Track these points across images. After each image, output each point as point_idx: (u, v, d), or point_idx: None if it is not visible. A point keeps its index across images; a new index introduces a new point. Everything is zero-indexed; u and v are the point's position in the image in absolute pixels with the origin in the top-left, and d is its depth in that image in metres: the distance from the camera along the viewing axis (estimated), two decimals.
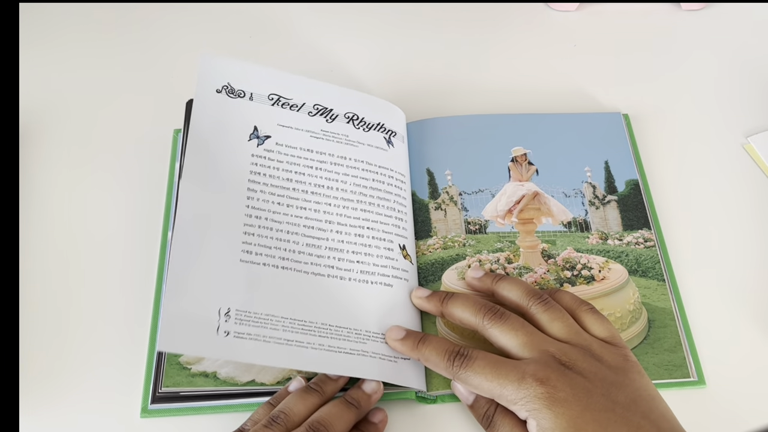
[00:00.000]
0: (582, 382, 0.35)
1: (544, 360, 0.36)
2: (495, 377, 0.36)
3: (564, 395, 0.35)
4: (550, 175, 0.50)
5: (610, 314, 0.44)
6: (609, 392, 0.35)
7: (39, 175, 0.51)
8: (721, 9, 0.62)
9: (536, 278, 0.46)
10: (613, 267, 0.46)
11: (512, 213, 0.49)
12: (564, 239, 0.48)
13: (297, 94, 0.49)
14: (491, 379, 0.36)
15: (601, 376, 0.36)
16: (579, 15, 0.62)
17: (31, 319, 0.44)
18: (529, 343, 0.37)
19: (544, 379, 0.35)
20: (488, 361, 0.37)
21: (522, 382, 0.35)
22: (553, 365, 0.36)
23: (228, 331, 0.39)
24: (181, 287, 0.39)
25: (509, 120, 0.53)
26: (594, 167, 0.51)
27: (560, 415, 0.34)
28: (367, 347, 0.41)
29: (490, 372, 0.36)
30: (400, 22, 0.61)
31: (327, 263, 0.43)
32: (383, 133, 0.49)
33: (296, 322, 0.40)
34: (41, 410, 0.41)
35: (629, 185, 0.50)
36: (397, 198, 0.47)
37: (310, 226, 0.44)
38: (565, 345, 0.37)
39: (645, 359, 0.42)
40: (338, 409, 0.38)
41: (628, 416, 0.34)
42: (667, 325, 0.44)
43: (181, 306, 0.38)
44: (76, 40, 0.59)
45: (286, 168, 0.45)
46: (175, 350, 0.38)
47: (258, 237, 0.42)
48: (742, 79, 0.57)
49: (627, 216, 0.49)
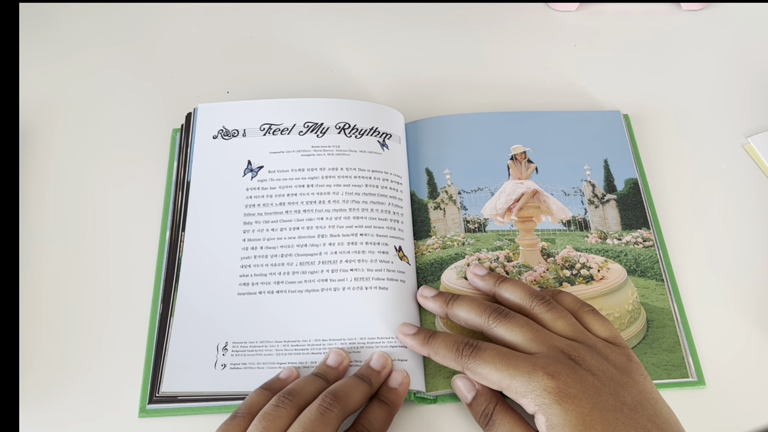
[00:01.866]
0: (591, 379, 0.35)
1: (554, 355, 0.36)
2: (505, 368, 0.36)
3: (574, 391, 0.35)
4: (549, 174, 0.50)
5: (608, 314, 0.44)
6: (617, 392, 0.35)
7: (39, 175, 0.51)
8: (721, 9, 0.62)
9: (536, 277, 0.46)
10: (612, 267, 0.46)
11: (512, 211, 0.49)
12: (563, 238, 0.48)
13: (287, 117, 0.50)
14: (501, 369, 0.36)
15: (609, 374, 0.36)
16: (579, 15, 0.62)
17: (30, 319, 0.45)
18: (537, 338, 0.38)
19: (555, 374, 0.35)
20: (498, 352, 0.37)
21: (533, 374, 0.35)
22: (564, 360, 0.36)
23: (225, 364, 0.41)
24: (185, 330, 0.42)
25: (508, 118, 0.53)
26: (593, 166, 0.51)
27: (570, 411, 0.34)
28: (361, 355, 0.41)
29: (500, 362, 0.36)
30: (400, 22, 0.61)
31: (321, 277, 0.44)
32: (377, 136, 0.50)
33: (290, 344, 0.42)
34: (41, 410, 0.41)
35: (628, 184, 0.50)
36: (393, 200, 0.47)
37: (303, 244, 0.45)
38: (573, 342, 0.38)
39: (644, 359, 0.42)
40: (351, 381, 0.38)
41: (635, 418, 0.34)
42: (665, 325, 0.44)
43: (184, 348, 0.42)
44: (76, 40, 0.59)
45: (278, 193, 0.47)
46: (177, 389, 0.40)
47: (254, 267, 0.44)
48: (742, 79, 0.57)
49: (626, 215, 0.49)
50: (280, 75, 0.57)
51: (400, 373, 0.40)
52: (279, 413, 0.36)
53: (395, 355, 0.41)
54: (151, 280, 0.46)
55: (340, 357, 0.41)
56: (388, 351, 0.41)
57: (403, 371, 0.41)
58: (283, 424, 0.35)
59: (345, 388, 0.37)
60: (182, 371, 0.41)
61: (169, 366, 0.41)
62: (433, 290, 0.43)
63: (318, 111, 0.50)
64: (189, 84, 0.56)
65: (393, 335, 0.42)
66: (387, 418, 0.38)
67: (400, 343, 0.42)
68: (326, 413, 0.36)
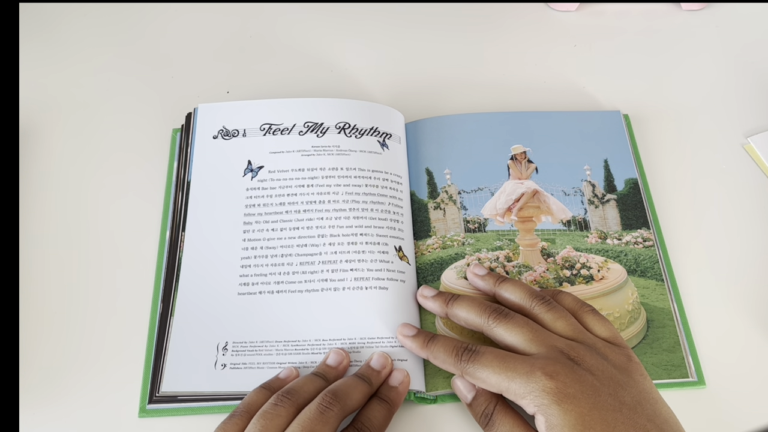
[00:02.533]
0: (590, 379, 0.35)
1: (553, 355, 0.36)
2: (503, 370, 0.36)
3: (573, 391, 0.35)
4: (549, 174, 0.50)
5: (608, 314, 0.44)
6: (616, 392, 0.35)
7: (39, 175, 0.51)
8: (721, 9, 0.62)
9: (536, 277, 0.46)
10: (612, 267, 0.46)
11: (512, 211, 0.49)
12: (563, 238, 0.48)
13: (287, 117, 0.50)
14: (499, 372, 0.36)
15: (608, 374, 0.36)
16: (579, 15, 0.62)
17: (30, 319, 0.45)
18: (536, 338, 0.37)
19: (554, 374, 0.35)
20: (496, 355, 0.37)
21: (531, 376, 0.35)
22: (562, 360, 0.36)
23: (225, 363, 0.41)
24: (185, 330, 0.42)
25: (508, 118, 0.53)
26: (593, 166, 0.51)
27: (569, 411, 0.34)
28: (361, 355, 0.41)
29: (498, 365, 0.36)
30: (400, 22, 0.61)
31: (321, 277, 0.44)
32: (377, 136, 0.50)
33: (290, 344, 0.42)
34: (41, 409, 0.41)
35: (628, 184, 0.50)
36: (393, 200, 0.47)
37: (303, 244, 0.45)
38: (572, 341, 0.38)
39: (644, 359, 0.42)
40: (351, 381, 0.38)
41: (634, 418, 0.34)
42: (665, 325, 0.44)
43: (184, 348, 0.42)
44: (76, 40, 0.59)
45: (278, 193, 0.47)
46: (177, 389, 0.40)
47: (254, 267, 0.44)
48: (741, 79, 0.57)
49: (626, 215, 0.49)
50: (281, 75, 0.57)
51: (401, 372, 0.40)
52: (278, 412, 0.36)
53: (395, 355, 0.41)
54: (152, 279, 0.46)
55: (340, 357, 0.41)
56: (388, 351, 0.42)
57: (404, 370, 0.41)
58: (282, 423, 0.35)
59: (345, 388, 0.37)
60: (182, 371, 0.41)
61: (169, 366, 0.41)
62: (433, 290, 0.43)
63: (318, 111, 0.50)
64: (189, 84, 0.57)
65: (393, 335, 0.42)
66: (387, 416, 0.38)
67: (399, 343, 0.42)
68: (326, 412, 0.36)
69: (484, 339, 0.42)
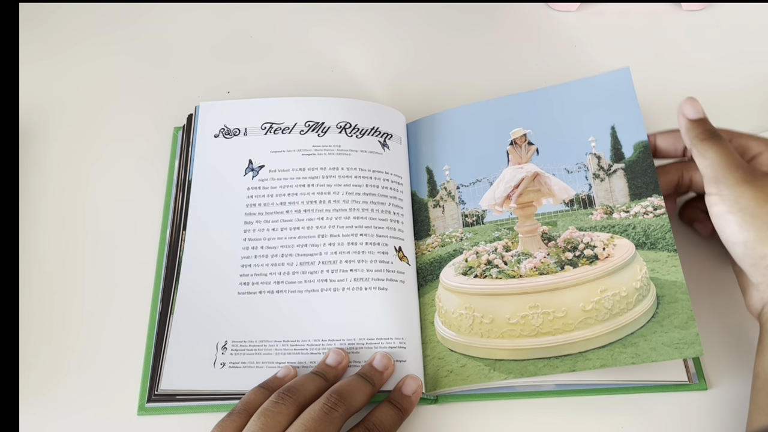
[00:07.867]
0: None
1: None
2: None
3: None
4: (551, 152, 0.48)
5: (614, 294, 0.41)
6: None
7: (39, 174, 0.51)
8: (721, 9, 0.62)
9: (535, 263, 0.44)
10: (619, 243, 0.43)
11: (511, 199, 0.47)
12: (565, 219, 0.46)
13: (288, 115, 0.50)
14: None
15: None
16: (579, 15, 0.62)
17: (30, 318, 0.45)
18: None
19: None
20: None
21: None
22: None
23: (224, 362, 0.41)
24: (185, 329, 0.42)
25: (505, 103, 0.51)
26: (599, 136, 0.48)
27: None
28: (360, 355, 0.41)
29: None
30: (400, 22, 0.61)
31: (320, 278, 0.44)
32: (378, 136, 0.50)
33: (289, 343, 0.42)
34: (41, 407, 0.41)
35: (638, 148, 0.46)
36: (393, 200, 0.47)
37: (303, 244, 0.45)
38: None
39: (653, 339, 0.39)
40: (355, 381, 0.38)
41: None
42: (678, 300, 0.40)
43: (183, 346, 0.42)
44: (76, 40, 0.59)
45: (279, 193, 0.47)
46: (176, 387, 0.40)
47: (254, 267, 0.44)
48: (742, 79, 0.57)
49: (635, 183, 0.45)
50: (281, 74, 0.57)
51: (415, 381, 0.40)
52: (279, 410, 0.36)
53: (395, 356, 0.41)
54: (152, 278, 0.46)
55: (340, 356, 0.40)
56: (388, 351, 0.41)
57: (418, 379, 0.40)
58: (284, 421, 0.35)
59: (349, 388, 0.37)
60: (181, 369, 0.41)
61: (168, 364, 0.41)
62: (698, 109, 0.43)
63: (319, 110, 0.50)
64: (190, 83, 0.57)
65: (392, 335, 0.42)
66: (397, 421, 0.38)
67: (399, 343, 0.42)
68: (331, 413, 0.35)
69: (482, 333, 0.41)
